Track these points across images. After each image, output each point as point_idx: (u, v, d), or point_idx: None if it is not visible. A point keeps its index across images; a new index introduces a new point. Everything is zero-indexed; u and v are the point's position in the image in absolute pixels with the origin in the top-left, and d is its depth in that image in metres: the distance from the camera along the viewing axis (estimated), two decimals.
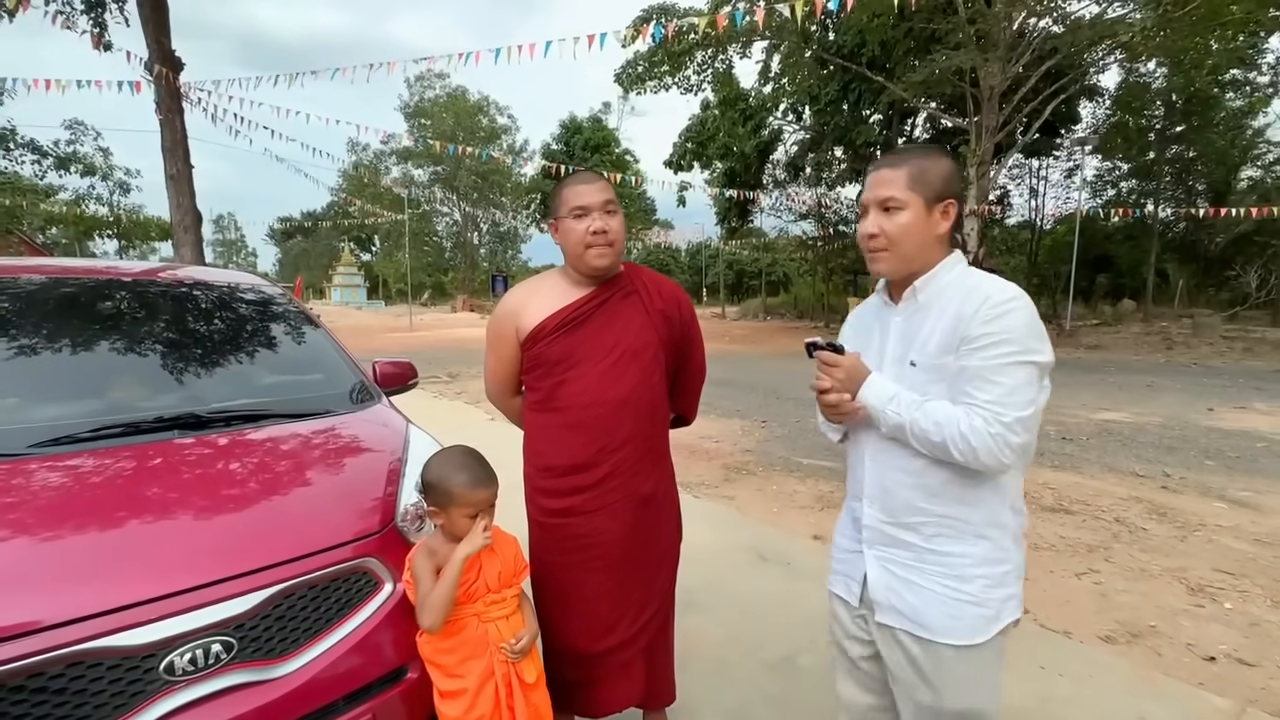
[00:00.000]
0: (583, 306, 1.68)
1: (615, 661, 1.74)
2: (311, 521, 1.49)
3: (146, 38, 10.16)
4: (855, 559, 1.35)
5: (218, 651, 1.21)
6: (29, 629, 1.07)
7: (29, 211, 25.16)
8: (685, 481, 4.94)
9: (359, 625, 1.41)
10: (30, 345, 1.87)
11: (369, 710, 1.36)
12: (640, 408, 1.70)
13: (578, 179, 1.69)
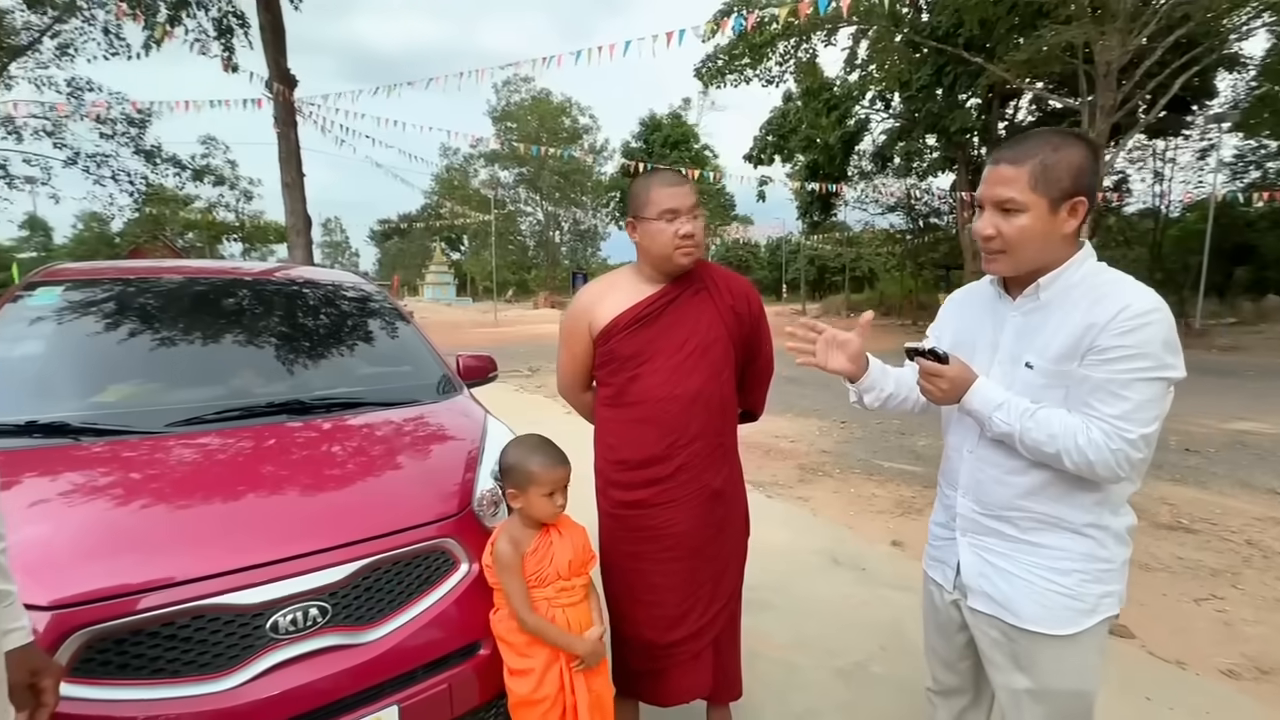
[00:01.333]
0: (655, 303, 1.71)
1: (684, 653, 1.76)
2: (398, 502, 1.61)
3: (266, 59, 11.18)
4: (949, 545, 1.37)
5: (314, 615, 1.33)
6: (164, 584, 1.23)
7: (171, 219, 28.35)
8: (758, 481, 4.88)
9: (437, 600, 1.51)
10: (168, 338, 2.13)
11: (446, 680, 1.46)
12: (711, 403, 1.72)
13: (666, 180, 1.68)
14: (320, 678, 1.30)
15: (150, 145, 21.51)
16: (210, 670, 1.23)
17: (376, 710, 1.34)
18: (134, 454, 1.60)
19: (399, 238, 67.35)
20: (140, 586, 1.22)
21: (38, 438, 1.62)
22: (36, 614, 1.11)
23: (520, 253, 55.44)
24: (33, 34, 18.69)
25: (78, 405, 1.80)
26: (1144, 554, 3.52)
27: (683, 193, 1.65)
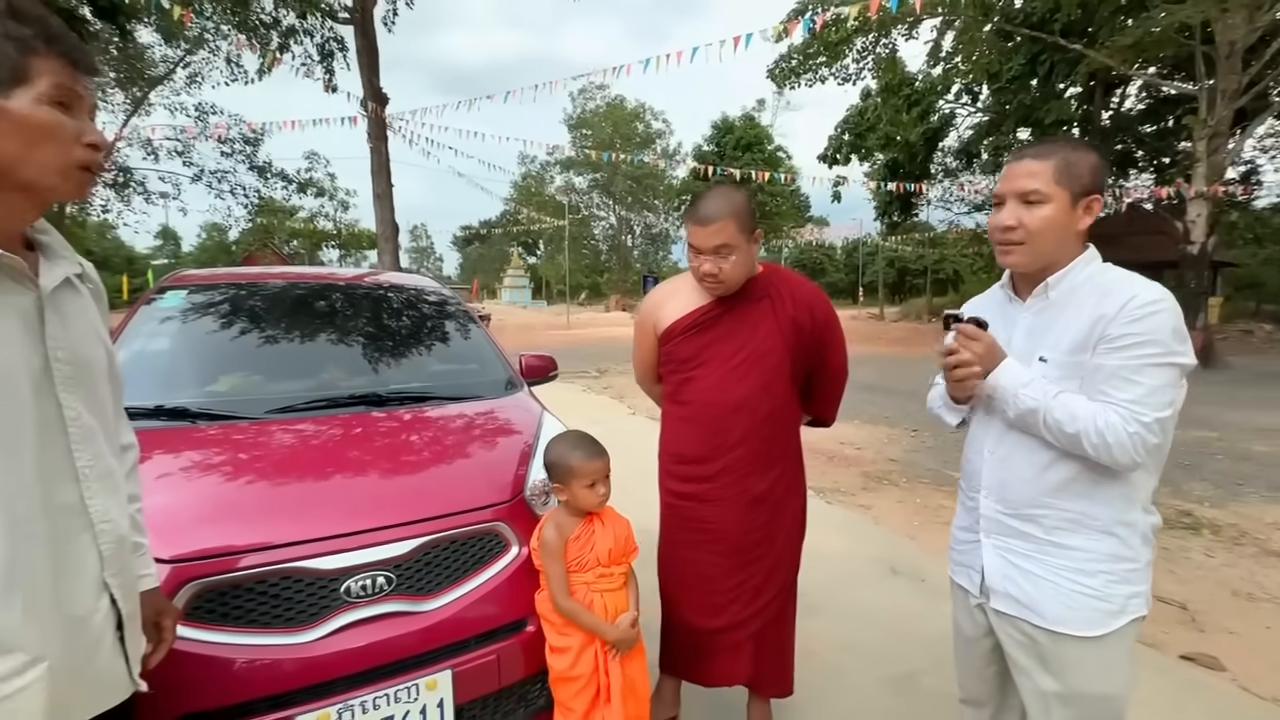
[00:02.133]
0: (710, 311, 1.79)
1: (725, 640, 1.84)
2: (457, 487, 1.77)
3: (362, 79, 12.09)
4: (974, 548, 1.37)
5: (381, 583, 1.49)
6: (260, 547, 1.43)
7: (278, 228, 30.99)
8: (818, 487, 4.81)
9: (489, 579, 1.64)
10: (269, 335, 2.41)
11: (495, 652, 1.59)
12: (757, 411, 1.76)
13: (695, 215, 1.68)
14: (385, 639, 1.46)
15: (262, 162, 23.63)
16: (294, 624, 1.41)
17: (432, 673, 1.48)
18: (239, 436, 1.84)
19: (479, 243, 70.38)
20: (241, 548, 1.42)
21: (164, 420, 1.89)
22: (159, 566, 1.32)
23: (593, 256, 56.59)
24: (168, 65, 21.03)
25: (195, 393, 2.08)
26: (1249, 582, 3.23)
27: (705, 233, 1.65)
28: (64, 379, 0.94)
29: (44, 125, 0.86)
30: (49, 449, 0.91)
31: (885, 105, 19.70)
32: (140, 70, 21.41)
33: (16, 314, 0.89)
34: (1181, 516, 4.19)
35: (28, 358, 0.90)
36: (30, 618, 0.86)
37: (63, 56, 0.88)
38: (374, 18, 12.47)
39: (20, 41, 0.85)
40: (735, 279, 1.72)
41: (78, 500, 0.95)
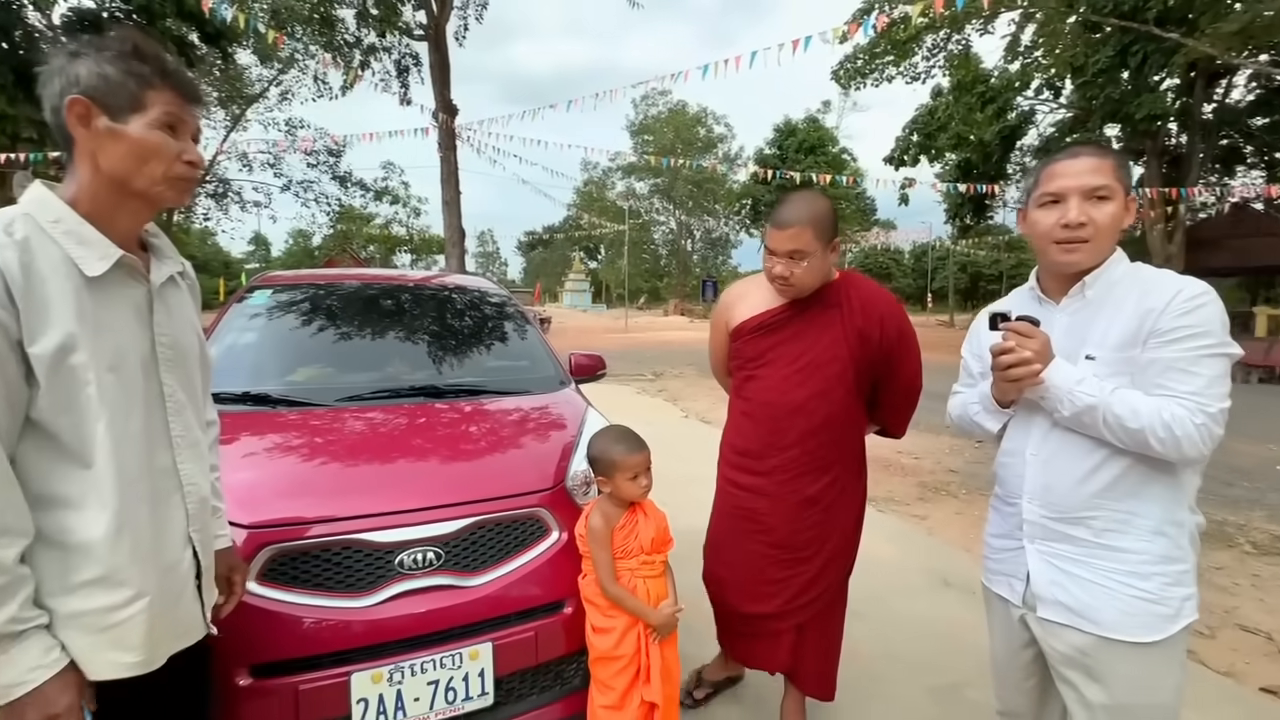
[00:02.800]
0: (779, 315, 1.84)
1: (768, 627, 1.91)
2: (503, 473, 1.88)
3: (434, 92, 12.71)
4: (1015, 555, 1.34)
5: (430, 558, 1.62)
6: (326, 519, 1.58)
7: (356, 234, 32.84)
8: (873, 495, 4.66)
9: (529, 560, 1.74)
10: (342, 331, 2.63)
11: (533, 629, 1.68)
12: (813, 416, 1.79)
13: (777, 218, 1.72)
14: (432, 609, 1.58)
15: (343, 172, 25.15)
16: (353, 590, 1.55)
17: (475, 644, 1.59)
18: (312, 421, 2.03)
19: (542, 248, 72.06)
20: (309, 519, 1.58)
21: (249, 404, 2.11)
22: (239, 530, 1.49)
23: (653, 261, 56.90)
24: (263, 84, 22.75)
25: (276, 382, 2.30)
26: None
27: (781, 236, 1.69)
28: (165, 361, 1.10)
29: (154, 145, 1.02)
30: (151, 419, 1.07)
31: (957, 104, 18.89)
32: (239, 90, 23.29)
33: (131, 304, 1.06)
34: (1276, 541, 3.86)
35: (139, 341, 1.06)
36: (135, 560, 1.02)
37: (173, 89, 1.05)
38: (446, 33, 13.09)
39: (140, 77, 1.01)
40: (806, 284, 1.75)
41: (171, 464, 1.10)
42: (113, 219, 1.04)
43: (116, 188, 1.02)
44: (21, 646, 0.92)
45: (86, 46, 1.02)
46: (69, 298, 0.96)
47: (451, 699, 1.56)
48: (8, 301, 0.91)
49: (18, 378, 0.93)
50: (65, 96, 0.98)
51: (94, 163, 1.01)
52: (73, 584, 0.98)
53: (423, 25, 13.34)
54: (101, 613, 0.99)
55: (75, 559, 0.98)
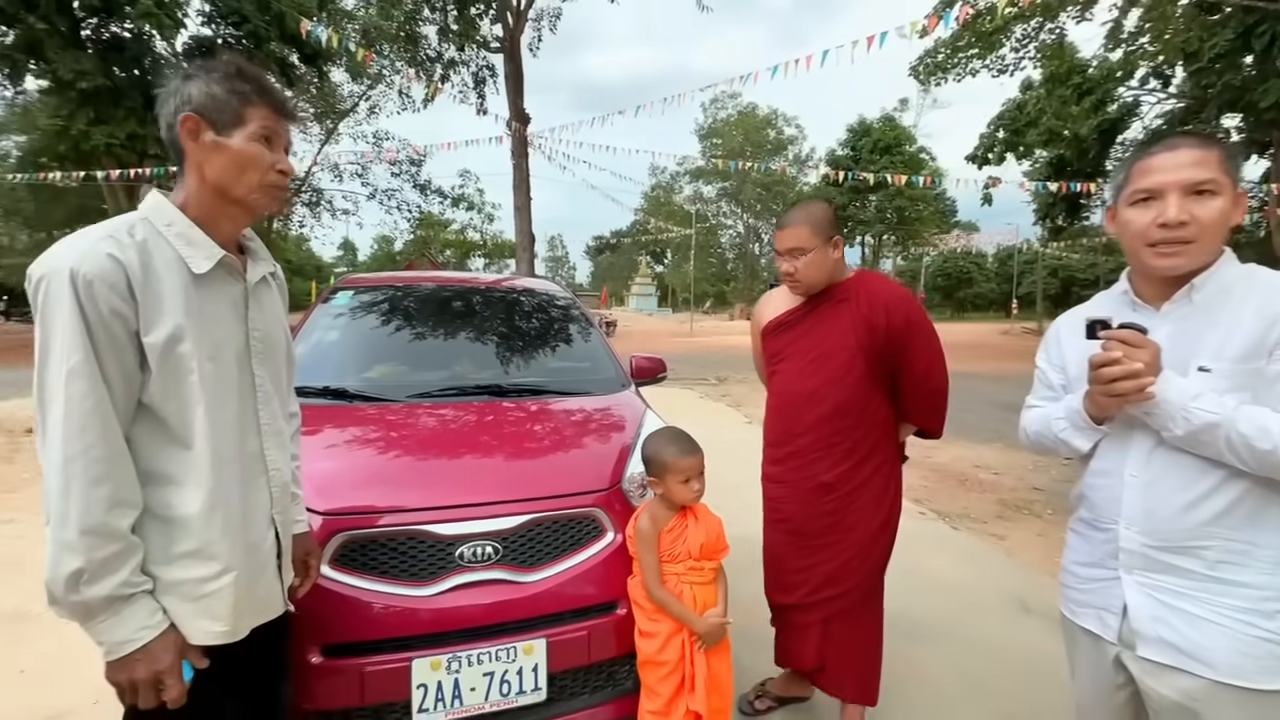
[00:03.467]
0: (793, 314, 2.01)
1: (793, 619, 1.98)
2: (561, 472, 1.91)
3: (508, 102, 13.16)
4: (1109, 586, 1.22)
5: (489, 552, 1.66)
6: (394, 509, 1.66)
7: (434, 239, 34.44)
8: (945, 510, 4.48)
9: (584, 560, 1.76)
10: (414, 330, 2.76)
11: (586, 629, 1.70)
12: (825, 403, 1.87)
13: (779, 223, 1.94)
14: (490, 603, 1.62)
15: (423, 180, 26.47)
16: (417, 579, 1.61)
17: (529, 639, 1.62)
18: (384, 416, 2.14)
19: (610, 252, 73.07)
20: (378, 509, 1.66)
21: (329, 399, 2.24)
22: (316, 517, 1.58)
23: (720, 265, 56.52)
24: (353, 100, 24.28)
25: (353, 378, 2.43)
26: None
27: (782, 236, 1.90)
28: (257, 353, 1.19)
29: (251, 156, 1.11)
30: (243, 407, 1.16)
31: (1050, 97, 17.66)
32: (332, 105, 24.97)
33: (229, 300, 1.15)
34: None
35: (235, 334, 1.16)
36: (225, 536, 1.10)
37: (270, 105, 1.14)
38: (521, 44, 13.53)
39: (242, 95, 1.11)
40: (811, 279, 1.89)
41: (259, 449, 1.19)
42: (216, 223, 1.14)
43: (219, 195, 1.12)
44: (132, 608, 1.01)
45: (198, 70, 1.12)
46: (179, 292, 1.06)
47: (506, 691, 1.60)
48: (129, 295, 1.01)
49: (134, 364, 1.03)
50: (179, 114, 1.09)
51: (201, 173, 1.11)
52: (173, 554, 1.07)
53: (498, 38, 13.84)
54: (195, 583, 1.08)
55: (175, 532, 1.07)
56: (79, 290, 0.96)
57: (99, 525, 0.97)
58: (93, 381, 0.97)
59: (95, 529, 0.97)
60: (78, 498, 0.96)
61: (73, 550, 0.96)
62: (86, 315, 0.97)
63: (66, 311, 0.96)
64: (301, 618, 1.45)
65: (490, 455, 1.93)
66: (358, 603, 1.56)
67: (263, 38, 17.30)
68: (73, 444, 0.96)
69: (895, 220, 22.64)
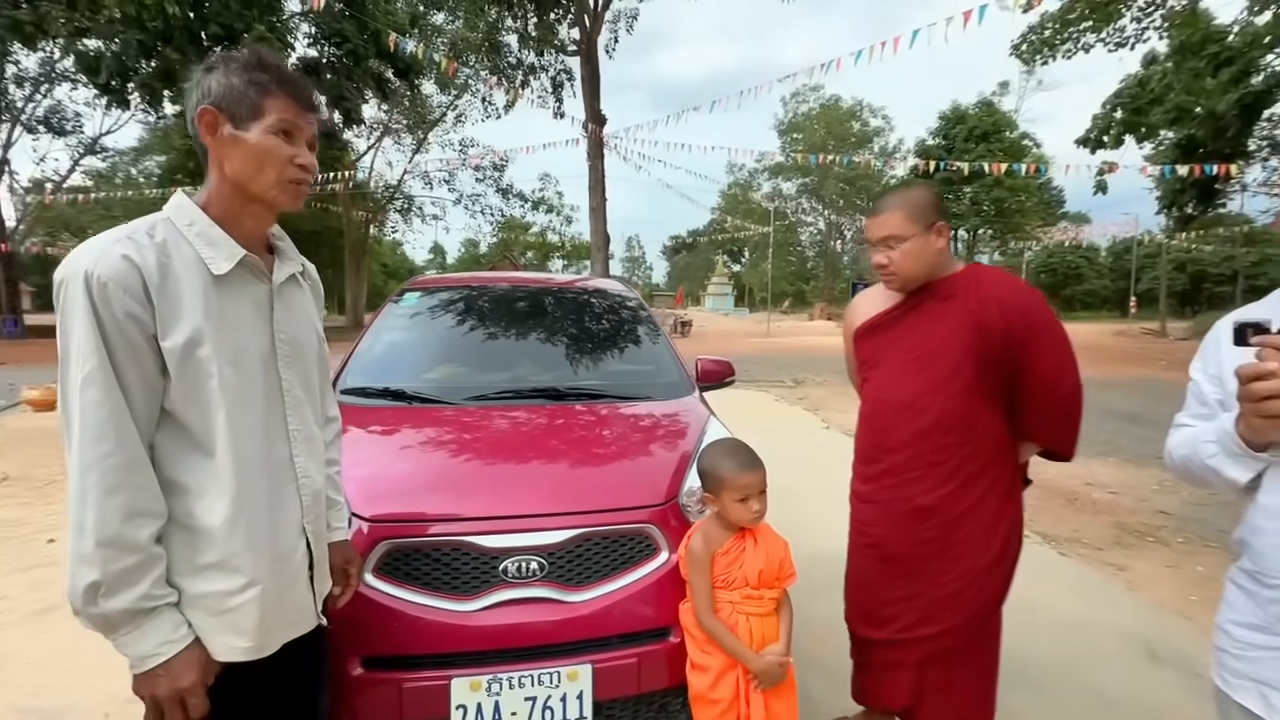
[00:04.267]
0: (890, 313, 1.76)
1: (881, 657, 1.75)
2: (613, 484, 1.80)
3: (584, 104, 13.30)
4: (1273, 659, 0.99)
5: (534, 568, 1.57)
6: (437, 518, 1.60)
7: (515, 242, 35.58)
8: (1052, 534, 4.01)
9: (635, 580, 1.63)
10: (476, 331, 2.74)
11: (636, 656, 1.57)
12: (924, 414, 1.63)
13: (873, 210, 1.73)
14: (533, 622, 1.53)
15: (505, 185, 27.44)
16: (459, 592, 1.54)
17: (574, 664, 1.51)
18: (439, 420, 2.10)
19: (686, 252, 72.81)
20: (422, 517, 1.61)
21: (388, 399, 2.24)
22: (361, 523, 1.55)
23: (799, 263, 54.94)
24: (441, 110, 25.50)
25: (412, 379, 2.43)
26: None
27: (874, 224, 1.69)
28: (284, 356, 1.14)
29: (267, 150, 1.05)
30: (270, 413, 1.11)
31: (1179, 70, 15.76)
32: (423, 116, 26.34)
33: (253, 302, 1.10)
34: None
35: (259, 337, 1.10)
36: (250, 548, 1.05)
37: (289, 96, 1.07)
38: (598, 46, 13.64)
39: (260, 86, 1.05)
40: (908, 271, 1.66)
41: (288, 457, 1.14)
42: (238, 221, 1.09)
43: (239, 192, 1.07)
44: (154, 622, 0.98)
45: (219, 61, 1.07)
46: (198, 295, 1.01)
47: (549, 718, 1.49)
48: (144, 298, 0.97)
49: (154, 369, 0.99)
50: (199, 107, 1.04)
51: (221, 169, 1.06)
52: (197, 566, 1.03)
53: (575, 41, 14.02)
54: (219, 596, 1.04)
55: (199, 542, 1.03)
56: (93, 293, 0.93)
57: (115, 536, 0.94)
58: (108, 388, 0.94)
59: (111, 540, 0.93)
60: (94, 507, 0.93)
61: (89, 562, 0.92)
62: (101, 319, 0.93)
63: (81, 315, 0.93)
64: (343, 627, 1.41)
65: (539, 464, 1.84)
66: (399, 614, 1.50)
67: (361, 55, 18.50)
68: (88, 452, 0.93)
69: (993, 213, 20.95)
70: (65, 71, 21.24)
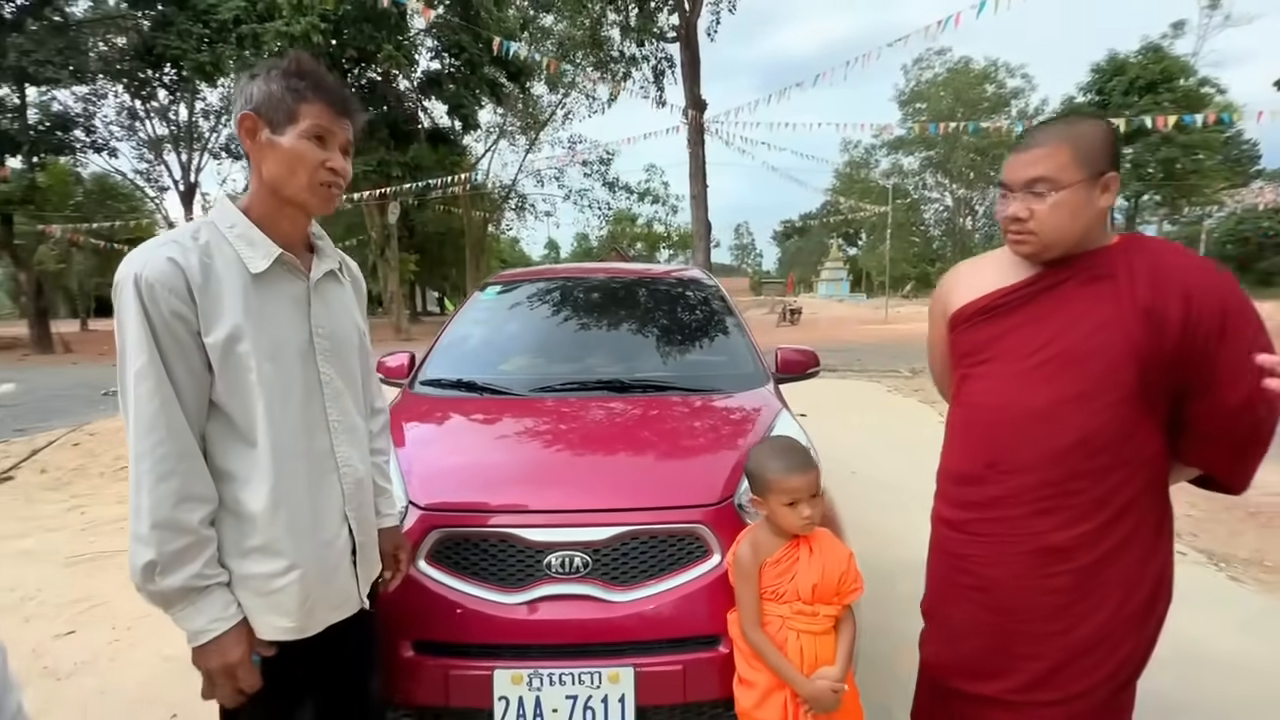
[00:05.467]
0: (1016, 291, 1.33)
1: (976, 715, 1.37)
2: (667, 481, 1.72)
3: (684, 90, 13.14)
4: None
5: (578, 564, 1.53)
6: (486, 509, 1.62)
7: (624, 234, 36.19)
8: (1221, 552, 3.39)
9: (684, 583, 1.55)
10: (546, 322, 2.77)
11: (682, 663, 1.49)
12: (1063, 431, 1.25)
13: (1022, 143, 1.31)
14: (575, 619, 1.50)
15: (612, 178, 27.96)
16: (505, 584, 1.54)
17: (616, 665, 1.46)
18: (502, 411, 2.14)
19: (798, 236, 70.27)
20: (472, 507, 1.63)
21: (460, 390, 2.31)
22: (415, 510, 1.60)
23: (923, 244, 51.01)
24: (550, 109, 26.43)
25: (482, 370, 2.49)
26: None
27: (1021, 160, 1.26)
28: (322, 350, 1.18)
29: (300, 154, 1.08)
30: (309, 405, 1.15)
31: None
32: (535, 117, 27.46)
33: (290, 298, 1.15)
34: None
35: (297, 332, 1.15)
36: (291, 534, 1.10)
37: (324, 101, 1.10)
38: (698, 30, 13.40)
39: (296, 92, 1.09)
40: (1054, 233, 1.24)
41: (329, 447, 1.18)
42: (276, 223, 1.14)
43: (274, 194, 1.12)
44: (207, 600, 1.05)
45: (262, 68, 1.12)
46: (238, 293, 1.07)
47: (590, 719, 1.46)
48: (188, 297, 1.03)
49: (200, 364, 1.06)
50: (241, 113, 1.09)
51: (259, 172, 1.11)
52: (244, 549, 1.10)
53: (674, 27, 13.87)
54: (264, 578, 1.10)
55: (245, 527, 1.09)
56: (142, 294, 1.00)
57: (168, 519, 1.01)
58: (158, 381, 1.01)
59: (165, 523, 1.01)
60: (148, 493, 1.01)
61: (146, 543, 1.01)
62: (150, 318, 1.01)
63: (133, 315, 1.01)
64: (396, 610, 1.47)
65: (592, 458, 1.81)
66: (448, 602, 1.53)
67: (477, 64, 19.60)
68: (142, 441, 1.01)
69: (1160, 176, 17.93)
70: None
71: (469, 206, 28.61)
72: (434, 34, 19.95)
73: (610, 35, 15.95)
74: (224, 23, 15.12)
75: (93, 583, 3.25)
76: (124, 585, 3.05)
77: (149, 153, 26.48)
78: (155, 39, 17.35)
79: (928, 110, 38.78)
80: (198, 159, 27.51)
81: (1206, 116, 11.39)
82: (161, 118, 25.32)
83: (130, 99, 23.32)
